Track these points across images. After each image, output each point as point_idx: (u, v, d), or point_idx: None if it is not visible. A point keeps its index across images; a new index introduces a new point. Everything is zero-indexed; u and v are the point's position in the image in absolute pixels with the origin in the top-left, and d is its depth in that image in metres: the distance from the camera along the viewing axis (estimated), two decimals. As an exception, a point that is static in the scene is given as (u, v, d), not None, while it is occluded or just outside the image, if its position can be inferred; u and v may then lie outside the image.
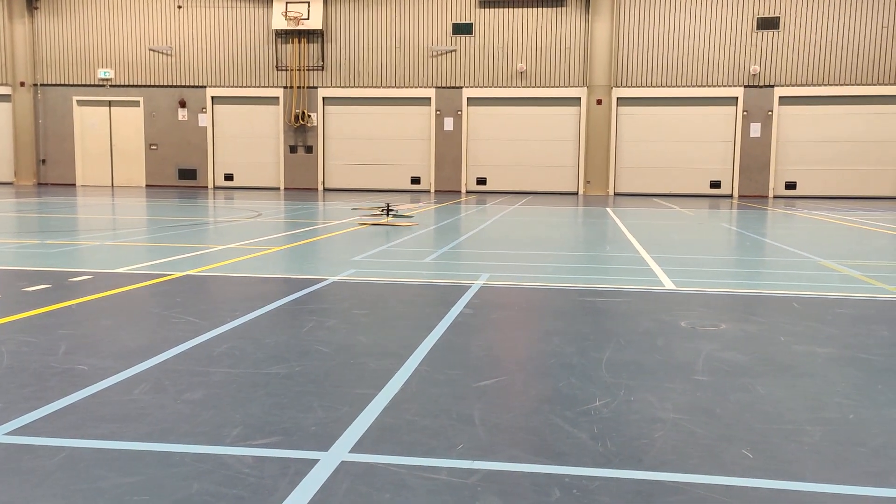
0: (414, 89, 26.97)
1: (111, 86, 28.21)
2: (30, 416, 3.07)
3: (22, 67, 28.25)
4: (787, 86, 25.51)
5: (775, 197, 25.84)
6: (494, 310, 5.52)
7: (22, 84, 28.29)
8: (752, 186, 25.99)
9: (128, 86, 28.14)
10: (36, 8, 28.20)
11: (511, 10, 26.30)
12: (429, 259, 8.30)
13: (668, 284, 6.67)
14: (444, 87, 26.84)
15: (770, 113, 25.63)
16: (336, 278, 6.71)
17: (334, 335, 4.58)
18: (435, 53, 26.72)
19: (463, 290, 6.17)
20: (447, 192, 26.78)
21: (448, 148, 27.03)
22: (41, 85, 28.48)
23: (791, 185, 26.05)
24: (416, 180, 27.48)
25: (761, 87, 25.60)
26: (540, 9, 26.16)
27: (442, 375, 3.75)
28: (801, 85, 25.45)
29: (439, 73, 26.84)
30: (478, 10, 26.44)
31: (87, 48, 28.20)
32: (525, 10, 26.24)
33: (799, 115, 25.71)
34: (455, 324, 4.92)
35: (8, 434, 2.88)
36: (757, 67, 25.46)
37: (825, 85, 25.35)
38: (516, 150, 26.88)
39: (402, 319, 5.15)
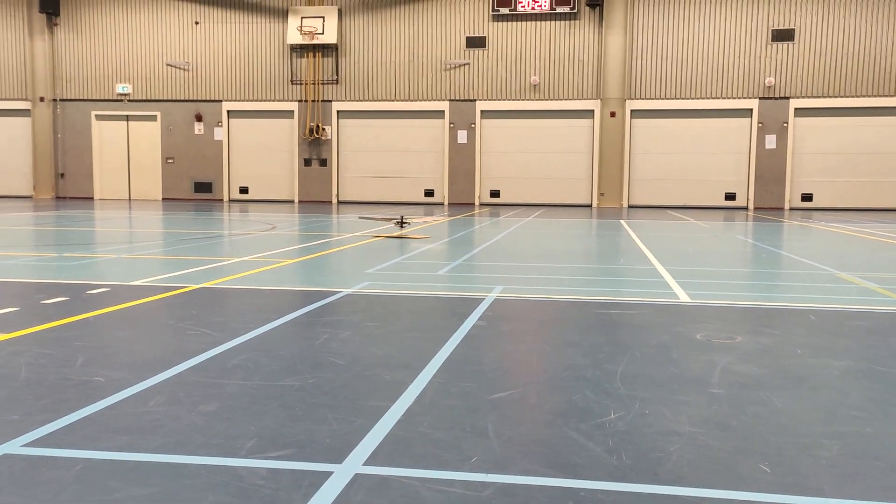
0: (428, 102, 27.07)
1: (129, 100, 28.52)
2: (46, 428, 3.09)
3: (42, 83, 28.62)
4: (803, 97, 25.39)
5: (791, 209, 25.67)
6: (508, 322, 5.52)
7: (42, 99, 28.65)
8: (768, 198, 25.84)
9: (145, 100, 28.44)
10: (56, 24, 28.59)
11: (524, 23, 26.38)
12: (442, 271, 8.31)
13: (683, 297, 6.64)
14: (457, 100, 26.93)
15: (785, 125, 25.51)
16: (350, 291, 6.72)
17: (348, 347, 4.59)
18: (448, 67, 26.83)
19: (476, 302, 6.17)
20: (461, 204, 26.81)
21: (462, 160, 27.08)
22: (60, 100, 28.82)
23: (807, 197, 25.88)
24: (429, 193, 27.54)
25: (776, 98, 25.49)
26: (553, 22, 26.23)
27: (456, 388, 3.74)
28: (817, 97, 25.32)
29: (453, 87, 26.93)
30: (491, 23, 26.54)
31: (106, 64, 28.54)
32: (538, 23, 26.31)
33: (814, 127, 25.57)
34: (469, 336, 4.92)
35: (25, 446, 2.90)
36: (772, 79, 25.37)
37: (841, 96, 25.21)
38: (530, 163, 26.88)
39: (415, 332, 5.15)
